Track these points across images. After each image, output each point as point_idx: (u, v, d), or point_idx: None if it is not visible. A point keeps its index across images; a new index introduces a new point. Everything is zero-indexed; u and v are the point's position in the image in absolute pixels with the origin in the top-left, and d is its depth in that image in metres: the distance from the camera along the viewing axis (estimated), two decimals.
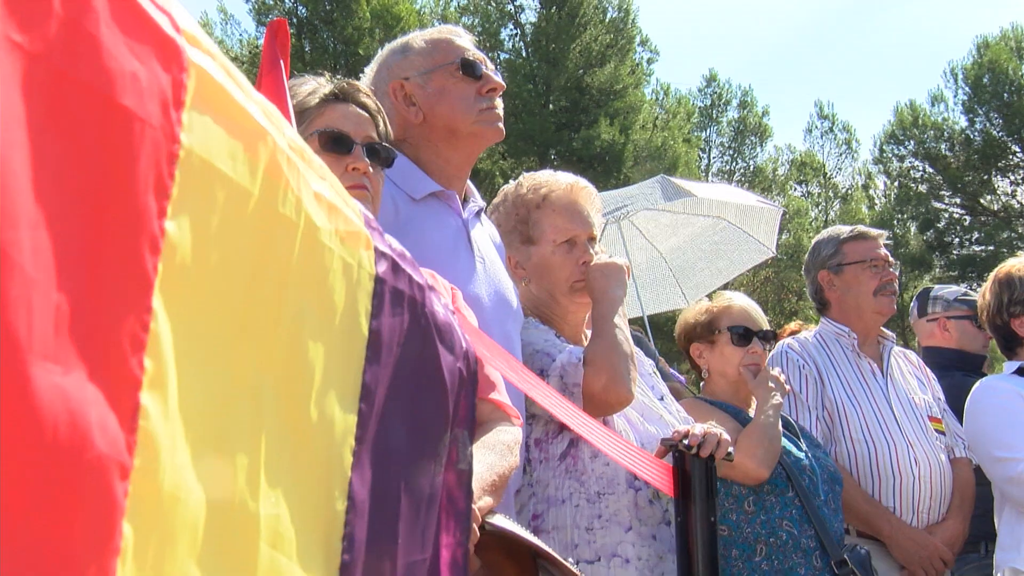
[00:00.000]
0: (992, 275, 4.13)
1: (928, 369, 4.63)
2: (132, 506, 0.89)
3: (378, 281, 1.38)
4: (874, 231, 4.60)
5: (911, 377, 4.47)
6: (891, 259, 4.49)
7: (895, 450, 4.13)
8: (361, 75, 3.08)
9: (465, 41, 3.05)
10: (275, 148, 1.10)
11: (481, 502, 2.07)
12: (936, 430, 4.31)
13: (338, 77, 2.52)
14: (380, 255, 1.39)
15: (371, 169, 2.38)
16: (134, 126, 0.86)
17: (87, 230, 0.84)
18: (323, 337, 1.27)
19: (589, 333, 3.35)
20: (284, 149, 1.13)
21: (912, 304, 5.61)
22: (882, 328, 4.51)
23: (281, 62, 2.24)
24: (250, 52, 30.81)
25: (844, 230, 4.62)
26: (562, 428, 2.93)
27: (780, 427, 3.57)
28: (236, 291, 1.08)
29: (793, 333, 5.39)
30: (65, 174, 0.81)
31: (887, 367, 4.38)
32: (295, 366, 1.22)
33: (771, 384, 3.67)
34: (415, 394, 1.53)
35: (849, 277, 4.43)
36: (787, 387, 3.84)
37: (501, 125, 3.04)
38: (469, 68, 2.97)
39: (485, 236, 3.09)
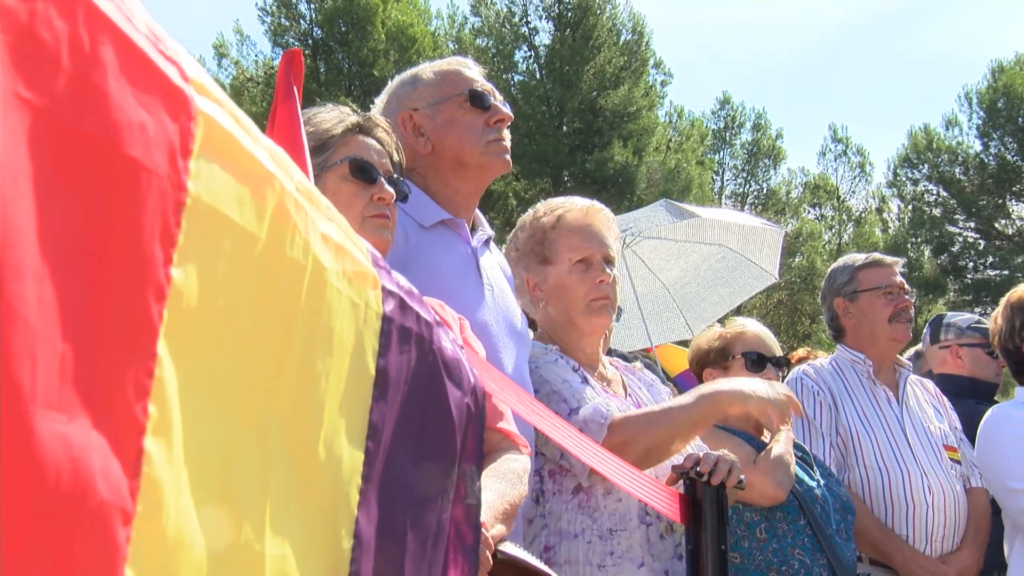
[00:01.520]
0: (1005, 299, 4.09)
1: (945, 398, 4.59)
2: (135, 551, 0.89)
3: (385, 320, 1.39)
4: (889, 258, 4.58)
5: (927, 406, 4.44)
6: (906, 286, 4.48)
7: (909, 478, 4.10)
8: (371, 105, 3.11)
9: (474, 72, 3.07)
10: (283, 192, 1.11)
11: (494, 530, 2.08)
12: (952, 459, 4.28)
13: (359, 111, 2.57)
14: (387, 294, 1.40)
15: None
16: (141, 176, 0.88)
17: (92, 280, 0.85)
18: (330, 377, 1.28)
19: (607, 360, 3.35)
20: (292, 193, 1.14)
21: (924, 331, 5.59)
22: (898, 356, 4.49)
23: (295, 90, 2.27)
24: (265, 73, 31.02)
25: (859, 257, 4.60)
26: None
27: (793, 454, 3.57)
28: (243, 335, 1.09)
29: (801, 360, 5.37)
30: (71, 225, 0.82)
31: (903, 395, 4.35)
32: (302, 407, 1.23)
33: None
34: (422, 431, 1.53)
35: (864, 304, 4.42)
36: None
37: (508, 157, 3.06)
38: (477, 99, 2.99)
39: (494, 264, 3.10)
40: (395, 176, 2.51)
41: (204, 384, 1.02)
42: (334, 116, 2.51)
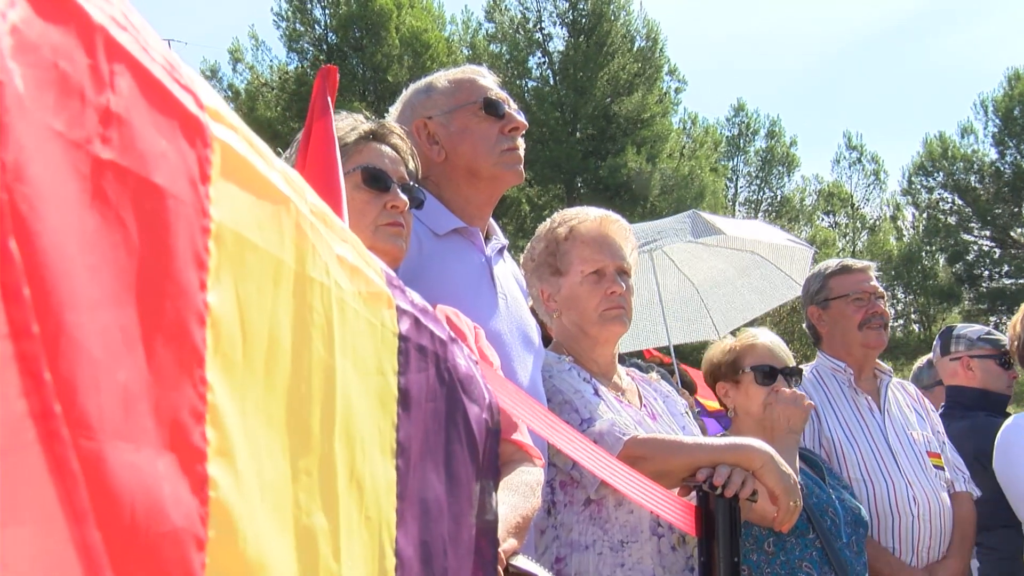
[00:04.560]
0: None
1: (927, 400, 4.53)
2: None
3: (402, 339, 1.40)
4: (859, 263, 4.50)
5: (910, 411, 4.37)
6: (880, 291, 4.39)
7: (894, 489, 4.03)
8: (386, 113, 3.11)
9: (488, 81, 3.06)
10: (298, 215, 1.13)
11: (506, 544, 2.07)
12: (935, 465, 4.20)
13: (373, 118, 2.57)
14: (402, 313, 1.42)
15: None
16: (168, 203, 0.89)
17: (138, 309, 0.85)
18: (363, 397, 1.30)
19: (622, 371, 3.35)
20: (307, 215, 1.15)
21: (935, 342, 5.55)
22: (878, 361, 4.43)
23: (331, 106, 2.26)
24: (280, 78, 31.10)
25: (831, 264, 4.53)
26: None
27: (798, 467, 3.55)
28: (285, 356, 1.10)
29: None
30: (114, 255, 0.83)
31: (884, 402, 4.29)
32: (350, 427, 1.25)
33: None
34: (446, 447, 1.55)
35: (835, 312, 4.36)
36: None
37: (521, 168, 3.05)
38: (492, 107, 2.99)
39: (508, 273, 3.10)
40: (410, 183, 2.51)
41: (258, 408, 1.03)
42: (347, 124, 2.50)
